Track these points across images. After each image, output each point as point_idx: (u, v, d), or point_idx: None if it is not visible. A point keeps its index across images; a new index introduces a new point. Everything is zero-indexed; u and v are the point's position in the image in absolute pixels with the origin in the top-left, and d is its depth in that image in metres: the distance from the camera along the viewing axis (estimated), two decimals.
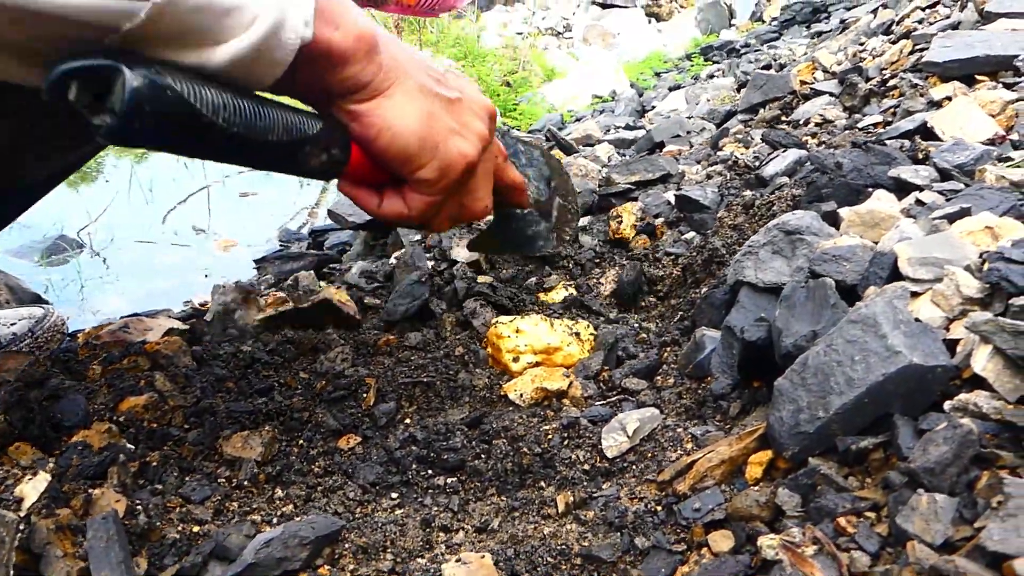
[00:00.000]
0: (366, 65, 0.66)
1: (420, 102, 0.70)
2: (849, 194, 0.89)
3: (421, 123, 0.70)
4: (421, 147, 0.70)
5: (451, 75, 0.77)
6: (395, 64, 0.68)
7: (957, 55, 1.47)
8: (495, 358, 1.03)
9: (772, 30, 5.74)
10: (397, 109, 0.68)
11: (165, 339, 1.11)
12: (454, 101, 0.74)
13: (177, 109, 0.55)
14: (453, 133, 0.73)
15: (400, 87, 0.69)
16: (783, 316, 0.70)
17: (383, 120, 0.68)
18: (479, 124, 0.76)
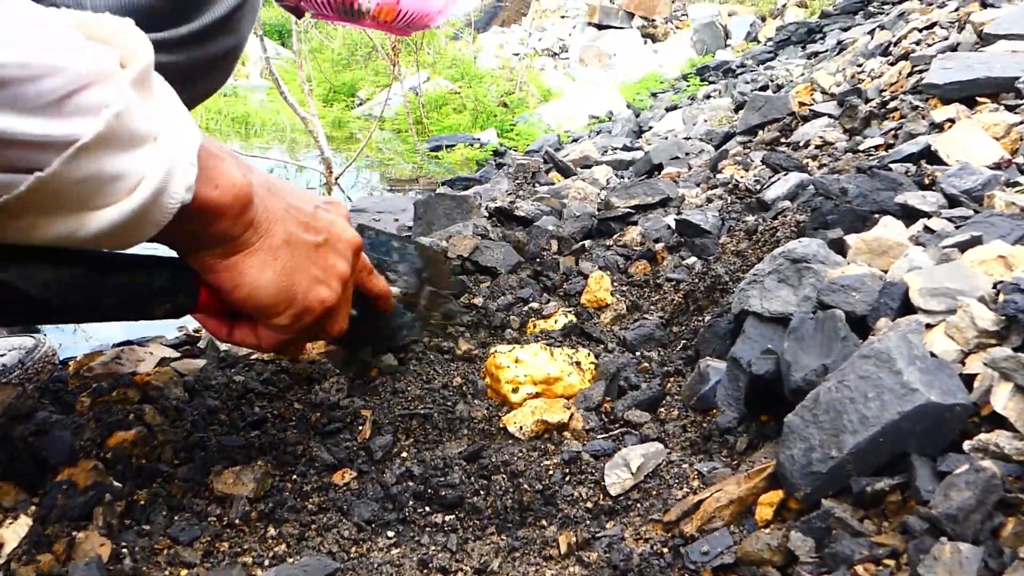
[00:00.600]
0: (237, 221, 0.65)
1: (282, 258, 0.70)
2: (855, 221, 0.87)
3: (279, 279, 0.70)
4: (276, 301, 0.70)
5: (321, 212, 0.76)
6: (265, 216, 0.68)
7: (957, 77, 1.46)
8: (494, 388, 1.01)
9: (768, 50, 5.77)
10: (256, 267, 0.68)
11: (156, 370, 1.09)
12: (320, 245, 0.74)
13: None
14: (315, 282, 0.73)
15: (265, 242, 0.68)
16: (791, 349, 0.68)
17: (241, 277, 0.68)
18: (341, 265, 0.76)
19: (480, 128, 5.75)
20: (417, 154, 4.89)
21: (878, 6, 5.03)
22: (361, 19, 1.20)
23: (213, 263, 0.66)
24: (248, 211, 0.65)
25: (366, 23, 1.22)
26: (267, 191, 0.69)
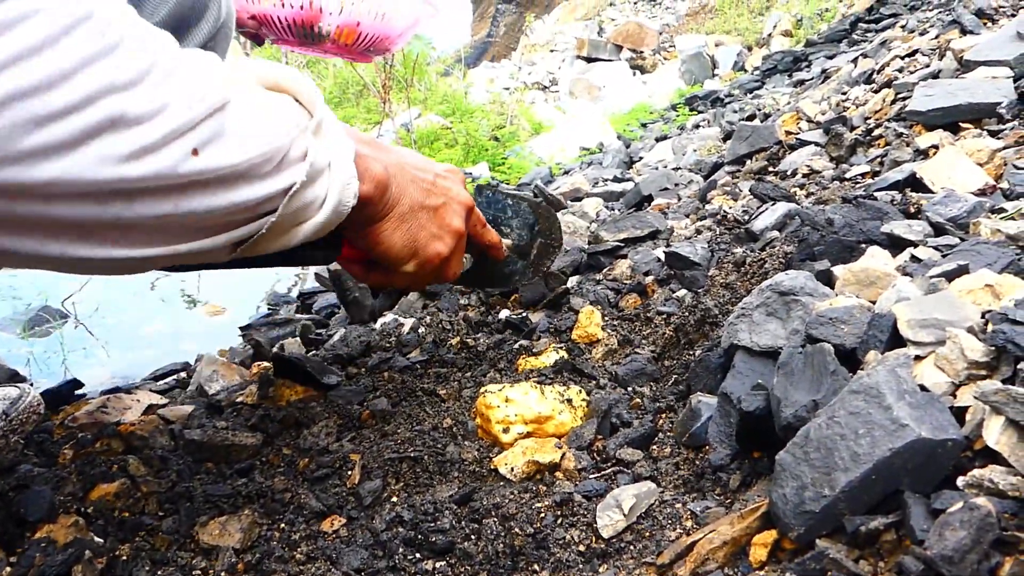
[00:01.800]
0: (378, 203, 0.83)
1: (407, 222, 0.88)
2: (842, 251, 0.87)
3: (405, 238, 0.88)
4: (404, 255, 0.89)
5: (440, 179, 0.93)
6: (397, 191, 0.85)
7: (940, 103, 1.47)
8: (484, 429, 0.99)
9: (754, 79, 5.82)
10: (388, 231, 0.86)
11: (141, 419, 1.07)
12: (438, 208, 0.91)
13: None
14: (433, 238, 0.91)
15: (396, 211, 0.86)
16: (781, 384, 0.67)
17: (377, 239, 0.86)
18: (456, 222, 0.94)
19: (472, 162, 5.78)
20: None
21: (862, 34, 5.10)
22: (321, 43, 1.22)
23: (357, 230, 0.84)
24: (386, 193, 0.83)
25: (327, 47, 1.23)
26: (399, 168, 0.86)
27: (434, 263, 0.92)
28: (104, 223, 0.56)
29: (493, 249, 1.10)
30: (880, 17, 5.21)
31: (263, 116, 0.65)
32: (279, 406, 1.15)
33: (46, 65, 0.48)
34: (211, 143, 0.58)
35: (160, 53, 0.56)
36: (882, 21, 4.95)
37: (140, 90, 0.53)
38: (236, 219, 0.65)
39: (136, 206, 0.56)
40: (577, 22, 14.15)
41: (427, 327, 1.36)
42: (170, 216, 0.58)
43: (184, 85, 0.57)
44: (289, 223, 0.70)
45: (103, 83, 0.51)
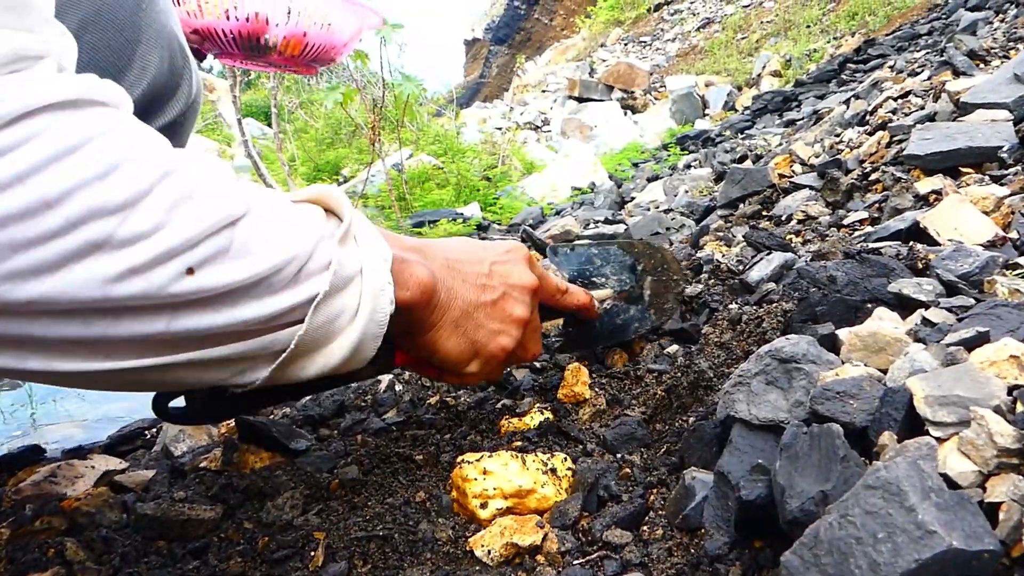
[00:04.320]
0: (425, 310, 0.80)
1: (462, 325, 0.84)
2: (846, 312, 0.80)
3: (462, 343, 0.85)
4: (464, 359, 0.86)
5: (497, 267, 0.89)
6: (447, 296, 0.82)
7: (938, 147, 1.42)
8: (461, 504, 0.91)
9: (745, 119, 5.84)
10: (442, 339, 0.83)
11: (89, 492, 0.99)
12: (496, 301, 0.87)
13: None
14: (493, 335, 0.87)
15: (448, 317, 0.83)
16: (785, 470, 0.59)
17: (431, 348, 0.84)
18: (519, 311, 0.89)
19: (464, 202, 5.75)
20: (400, 230, 4.85)
21: (850, 74, 5.12)
22: (268, 55, 1.18)
23: (409, 340, 0.82)
24: (433, 299, 0.80)
25: (273, 59, 1.19)
26: (447, 270, 0.83)
27: (500, 358, 0.90)
28: (89, 340, 0.55)
29: (583, 310, 1.04)
30: (868, 58, 5.24)
31: (279, 227, 0.63)
32: (243, 473, 1.07)
33: (30, 192, 0.49)
34: (211, 261, 0.57)
35: (169, 172, 0.56)
36: (870, 62, 4.98)
37: (133, 212, 0.53)
38: (248, 332, 0.63)
39: (123, 324, 0.56)
40: (568, 63, 14.32)
41: (404, 384, 1.28)
42: (165, 333, 0.58)
43: (188, 203, 0.57)
44: (321, 340, 0.68)
45: (90, 208, 0.51)
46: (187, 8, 1.14)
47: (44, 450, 1.40)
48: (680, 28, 13.85)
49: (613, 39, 15.03)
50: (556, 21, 20.23)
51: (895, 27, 6.74)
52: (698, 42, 12.62)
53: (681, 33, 13.56)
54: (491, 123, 10.82)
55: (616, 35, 15.23)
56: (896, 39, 5.30)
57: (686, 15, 14.38)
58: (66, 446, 1.70)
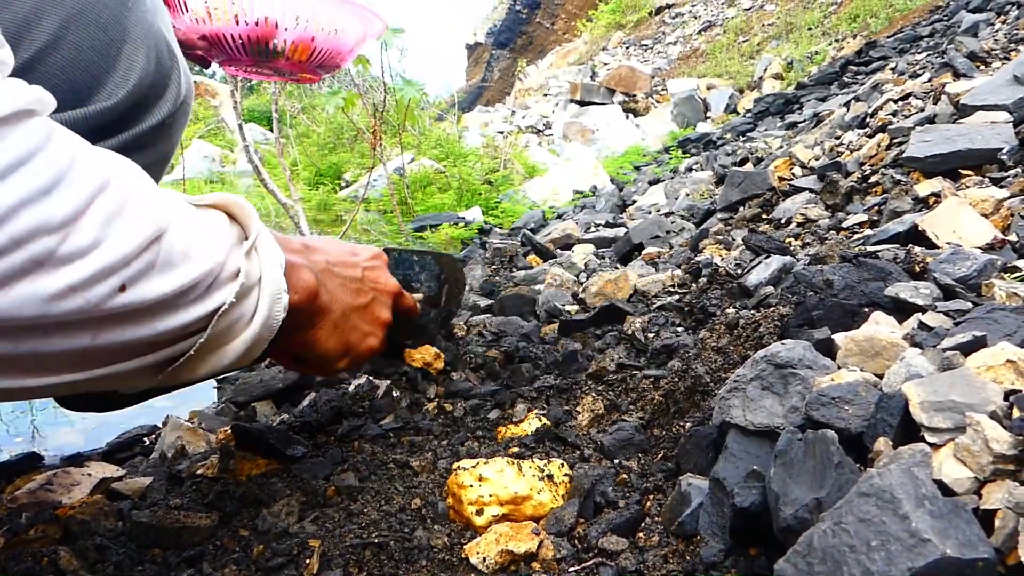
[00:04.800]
0: (309, 312, 0.83)
1: (340, 326, 0.90)
2: (843, 316, 0.80)
3: (339, 342, 0.90)
4: (337, 356, 0.91)
5: (367, 272, 0.96)
6: (328, 299, 0.86)
7: (938, 150, 1.42)
8: (456, 510, 0.90)
9: (747, 121, 5.84)
10: (322, 339, 0.87)
11: (84, 500, 0.98)
12: (368, 305, 0.94)
13: None
14: (365, 336, 0.94)
15: (328, 319, 0.87)
16: (779, 477, 0.59)
17: (310, 347, 0.87)
18: (385, 314, 0.97)
19: (465, 207, 5.74)
20: (402, 235, 4.85)
21: (851, 77, 5.12)
22: (276, 60, 1.17)
23: (286, 338, 0.81)
24: (316, 302, 0.83)
25: (280, 65, 1.19)
26: (328, 274, 0.87)
27: (366, 356, 0.96)
28: (14, 357, 0.54)
29: (410, 311, 1.10)
30: (869, 60, 5.24)
31: (197, 239, 0.64)
32: (239, 480, 1.06)
33: None
34: (141, 278, 0.58)
35: (105, 185, 0.56)
36: (871, 64, 4.97)
37: (74, 228, 0.53)
38: (161, 342, 0.63)
39: (52, 341, 0.55)
40: (570, 67, 14.32)
41: (402, 390, 1.28)
42: (88, 348, 0.57)
43: (122, 218, 0.57)
44: (217, 343, 0.69)
45: (34, 224, 0.50)
46: (195, 15, 1.14)
47: (42, 457, 1.39)
48: (681, 31, 13.85)
49: (615, 42, 15.04)
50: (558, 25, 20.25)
51: (896, 29, 6.73)
52: (700, 45, 12.62)
53: (683, 36, 13.57)
54: (493, 127, 10.82)
55: (618, 38, 15.24)
56: (897, 41, 5.30)
57: (687, 18, 14.39)
58: (65, 453, 1.70)
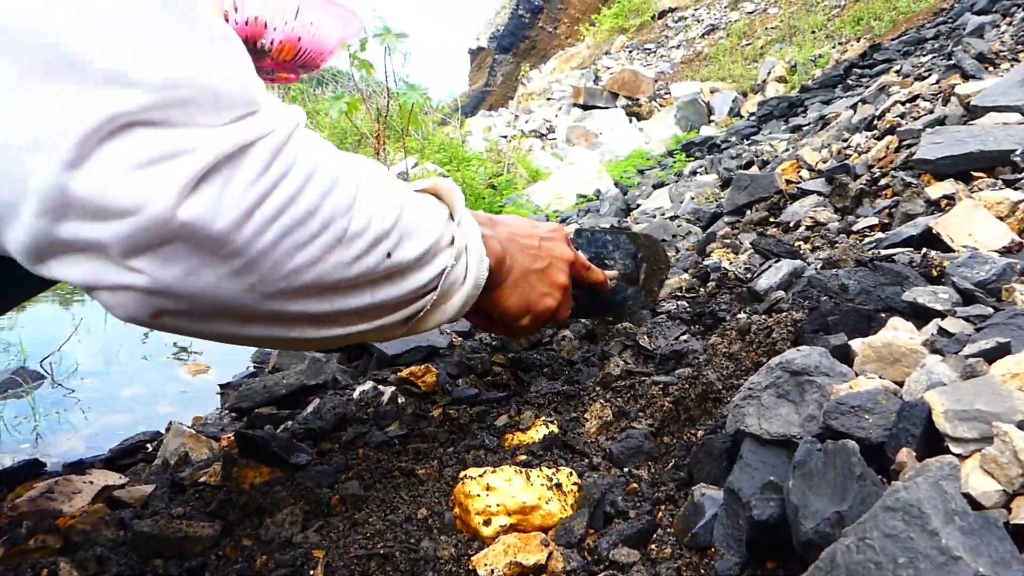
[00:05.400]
0: (497, 274, 0.96)
1: (521, 286, 1.02)
2: (859, 322, 0.78)
3: (520, 301, 1.03)
4: (520, 314, 1.04)
5: (544, 242, 1.07)
6: (511, 262, 0.99)
7: (949, 152, 1.40)
8: (463, 520, 0.89)
9: (751, 125, 5.82)
10: (505, 296, 1.01)
11: (85, 509, 0.97)
12: (544, 269, 1.06)
13: None
14: (542, 296, 1.05)
15: (511, 278, 1.00)
16: (798, 489, 0.57)
17: (495, 304, 1.00)
18: (561, 278, 1.08)
19: None
20: None
21: (856, 79, 5.10)
22: (262, 59, 1.16)
23: (481, 299, 0.95)
24: (503, 265, 0.98)
25: (265, 64, 1.18)
26: (510, 241, 1.01)
27: (545, 315, 1.07)
28: (324, 314, 0.74)
29: (598, 285, 1.20)
30: (874, 62, 5.22)
31: (425, 214, 0.83)
32: (242, 489, 1.05)
33: (300, 204, 0.65)
34: (398, 246, 0.77)
35: (359, 176, 0.73)
36: (876, 66, 4.95)
37: (354, 211, 0.71)
38: (410, 300, 0.82)
39: (348, 298, 0.75)
40: (573, 71, 14.32)
41: (407, 397, 1.26)
42: (368, 305, 0.77)
43: (378, 200, 0.75)
44: (443, 300, 0.87)
45: (333, 212, 0.68)
46: None
47: (44, 464, 1.38)
48: (684, 35, 13.84)
49: (617, 46, 15.04)
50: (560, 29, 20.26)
51: (901, 32, 6.71)
52: (703, 49, 12.61)
53: (685, 40, 13.56)
54: (496, 131, 10.81)
55: (620, 42, 15.23)
56: (902, 44, 5.28)
57: (690, 22, 14.38)
58: (68, 459, 1.69)
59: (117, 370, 2.36)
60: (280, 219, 0.64)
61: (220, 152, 0.59)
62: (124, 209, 0.56)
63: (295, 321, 0.72)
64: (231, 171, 0.60)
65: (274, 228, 0.63)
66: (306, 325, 0.74)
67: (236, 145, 0.60)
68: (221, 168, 0.59)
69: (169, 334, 0.73)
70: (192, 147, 0.58)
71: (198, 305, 0.64)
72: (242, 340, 0.72)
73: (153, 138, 0.56)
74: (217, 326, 0.68)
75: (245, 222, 0.61)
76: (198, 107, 0.59)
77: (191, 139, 0.58)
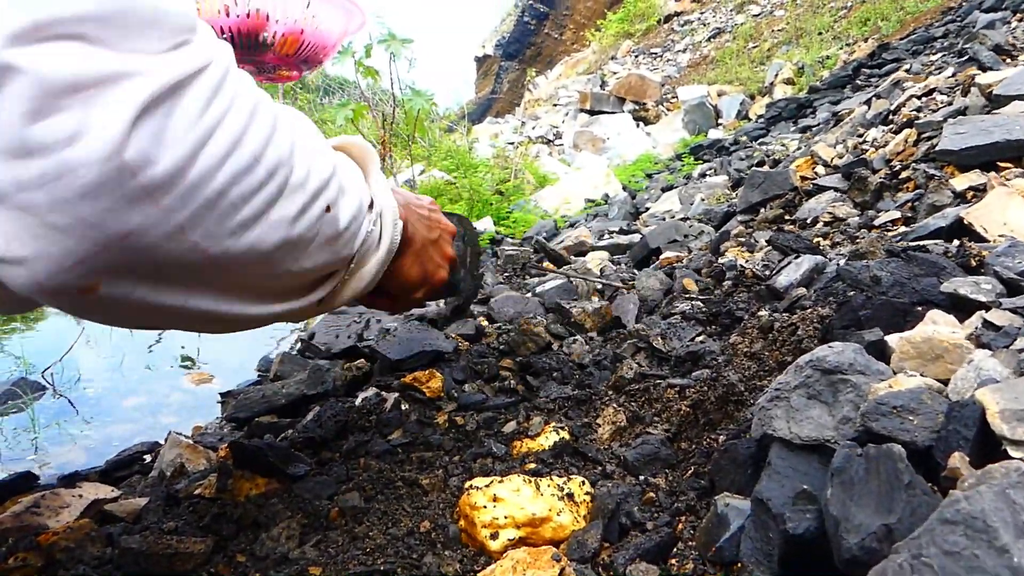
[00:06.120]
0: (403, 243, 0.92)
1: (421, 256, 0.98)
2: (893, 315, 0.72)
3: (420, 270, 0.98)
4: (418, 284, 0.99)
5: (432, 212, 1.04)
6: (411, 230, 0.95)
7: (974, 142, 1.34)
8: (469, 534, 0.83)
9: (760, 127, 5.76)
10: (407, 266, 0.96)
11: (70, 525, 0.92)
12: (437, 240, 1.03)
13: None
14: (437, 266, 1.03)
15: (412, 248, 0.96)
16: (838, 499, 0.51)
17: (397, 274, 0.94)
18: (449, 248, 1.06)
19: (476, 217, 5.68)
20: None
21: (865, 79, 5.03)
22: (264, 53, 1.12)
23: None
24: (406, 232, 0.92)
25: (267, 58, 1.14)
26: (408, 210, 0.95)
27: (438, 287, 1.04)
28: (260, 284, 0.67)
29: (453, 262, 1.14)
30: (883, 62, 5.15)
31: (352, 173, 0.78)
32: (237, 501, 0.99)
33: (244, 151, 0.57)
34: (338, 200, 0.71)
35: (291, 121, 0.66)
36: (885, 66, 4.89)
37: (295, 160, 0.63)
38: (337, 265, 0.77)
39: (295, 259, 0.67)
40: (579, 76, 14.30)
41: (411, 403, 1.21)
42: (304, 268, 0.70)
43: (316, 153, 0.68)
44: (359, 266, 0.81)
45: (276, 159, 0.60)
46: None
47: (37, 477, 1.33)
48: (691, 39, 13.80)
49: (624, 51, 15.00)
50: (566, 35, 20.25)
51: (909, 31, 6.64)
52: (709, 52, 12.56)
53: (692, 44, 13.51)
54: (503, 138, 10.78)
55: (626, 47, 15.20)
56: (911, 43, 5.21)
57: (696, 26, 14.33)
58: (66, 470, 1.64)
59: (120, 380, 2.32)
60: (226, 164, 0.55)
61: (162, 83, 0.50)
62: (51, 142, 0.46)
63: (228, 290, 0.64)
64: (170, 106, 0.51)
65: (221, 174, 0.55)
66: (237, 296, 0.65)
67: (177, 76, 0.51)
68: (162, 101, 0.51)
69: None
70: (132, 73, 0.49)
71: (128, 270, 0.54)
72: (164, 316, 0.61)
73: (87, 56, 0.47)
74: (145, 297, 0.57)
75: (190, 165, 0.52)
76: (137, 27, 0.50)
77: (130, 64, 0.49)
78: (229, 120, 0.55)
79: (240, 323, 0.70)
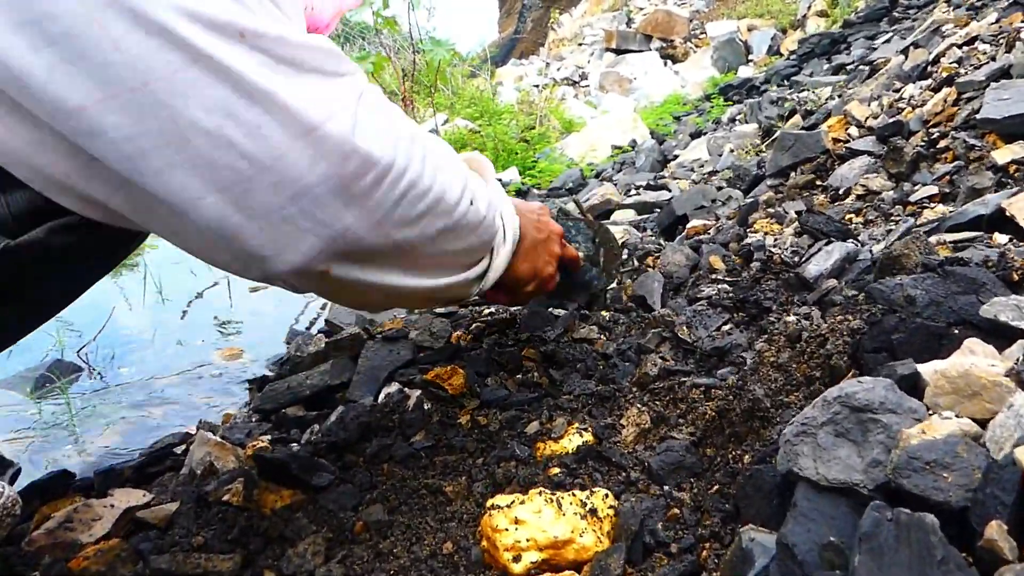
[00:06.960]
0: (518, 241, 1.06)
1: (531, 254, 1.10)
2: (928, 340, 0.68)
3: (530, 267, 1.11)
4: (528, 279, 1.11)
5: (541, 216, 1.17)
6: (525, 231, 1.08)
7: (1018, 109, 1.26)
8: (491, 555, 0.82)
9: (791, 64, 5.56)
10: (519, 263, 1.08)
11: (98, 547, 0.93)
12: (545, 240, 1.15)
13: None
14: (545, 264, 1.15)
15: (523, 247, 1.08)
16: (866, 568, 0.49)
17: (510, 270, 1.06)
18: (556, 248, 1.19)
19: (502, 167, 5.61)
20: None
21: (903, 11, 4.82)
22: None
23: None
24: (519, 232, 1.06)
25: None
26: (519, 213, 1.09)
27: (547, 282, 1.16)
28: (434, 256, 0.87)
29: (573, 262, 1.28)
30: None
31: (479, 180, 0.95)
32: (263, 514, 1.00)
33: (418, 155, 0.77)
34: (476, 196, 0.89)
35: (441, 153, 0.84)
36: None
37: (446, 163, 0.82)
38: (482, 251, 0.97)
39: (454, 239, 0.87)
40: (604, 13, 13.90)
41: (433, 402, 1.20)
42: (464, 247, 0.91)
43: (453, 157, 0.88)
44: (494, 257, 1.00)
45: (435, 162, 0.80)
46: None
47: (74, 475, 1.36)
48: None
49: None
50: None
51: None
52: None
53: None
54: (527, 80, 10.57)
55: None
56: None
57: None
58: (100, 455, 1.69)
59: (152, 357, 2.35)
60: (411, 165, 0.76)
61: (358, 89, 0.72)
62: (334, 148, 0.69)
63: (409, 268, 0.83)
64: (360, 107, 0.71)
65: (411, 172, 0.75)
66: (416, 272, 0.85)
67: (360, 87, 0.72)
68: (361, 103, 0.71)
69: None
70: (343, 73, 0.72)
71: (346, 256, 0.75)
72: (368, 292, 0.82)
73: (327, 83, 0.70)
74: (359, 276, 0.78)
75: (395, 153, 0.73)
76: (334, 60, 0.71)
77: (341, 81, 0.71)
78: (400, 126, 0.75)
79: (419, 294, 0.88)
